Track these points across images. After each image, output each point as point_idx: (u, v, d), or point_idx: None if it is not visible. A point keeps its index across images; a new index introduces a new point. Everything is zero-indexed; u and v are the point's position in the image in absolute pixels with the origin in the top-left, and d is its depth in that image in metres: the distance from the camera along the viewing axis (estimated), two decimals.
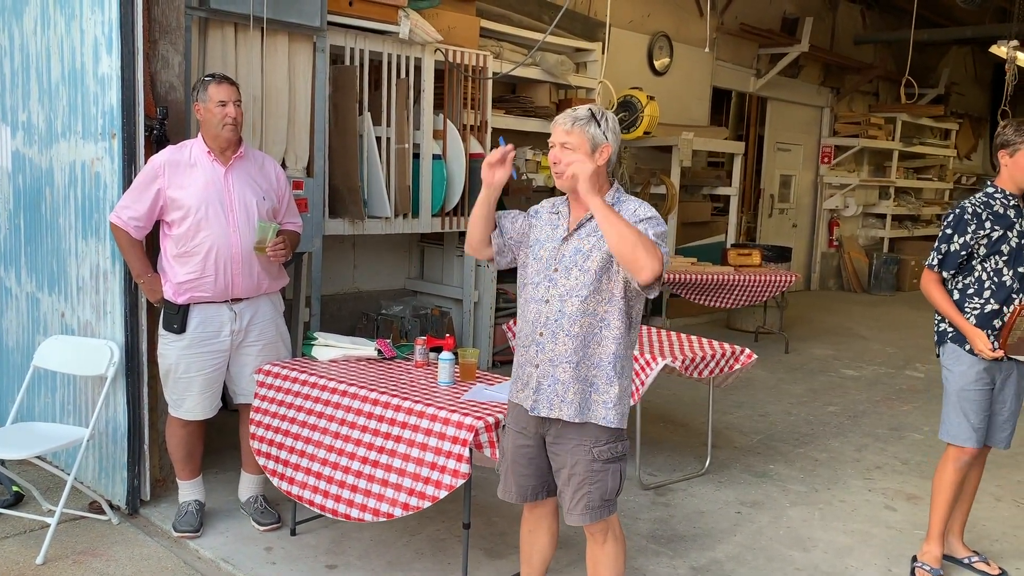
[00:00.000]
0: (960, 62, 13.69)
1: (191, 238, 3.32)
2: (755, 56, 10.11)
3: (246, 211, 3.38)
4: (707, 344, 4.34)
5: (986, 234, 3.23)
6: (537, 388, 2.54)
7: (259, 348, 3.52)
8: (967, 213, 3.26)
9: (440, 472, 2.83)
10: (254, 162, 3.51)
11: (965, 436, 3.29)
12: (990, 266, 3.25)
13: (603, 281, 2.49)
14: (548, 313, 2.52)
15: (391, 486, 2.94)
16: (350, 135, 4.85)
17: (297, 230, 3.72)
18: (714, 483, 4.36)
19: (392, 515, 2.92)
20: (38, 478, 3.85)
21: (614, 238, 2.35)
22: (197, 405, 3.47)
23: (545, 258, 2.58)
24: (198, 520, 3.51)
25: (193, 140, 3.44)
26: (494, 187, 2.61)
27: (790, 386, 6.46)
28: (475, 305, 6.11)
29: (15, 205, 4.10)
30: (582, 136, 2.49)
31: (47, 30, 3.78)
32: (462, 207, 5.71)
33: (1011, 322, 3.16)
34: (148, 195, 3.32)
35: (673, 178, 7.93)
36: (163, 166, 3.33)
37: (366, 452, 3.06)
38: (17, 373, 4.12)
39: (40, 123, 3.88)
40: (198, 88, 3.37)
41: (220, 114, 3.31)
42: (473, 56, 5.66)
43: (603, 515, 2.57)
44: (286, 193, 3.64)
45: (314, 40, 4.41)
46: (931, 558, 3.43)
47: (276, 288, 3.61)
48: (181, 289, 3.36)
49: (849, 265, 11.91)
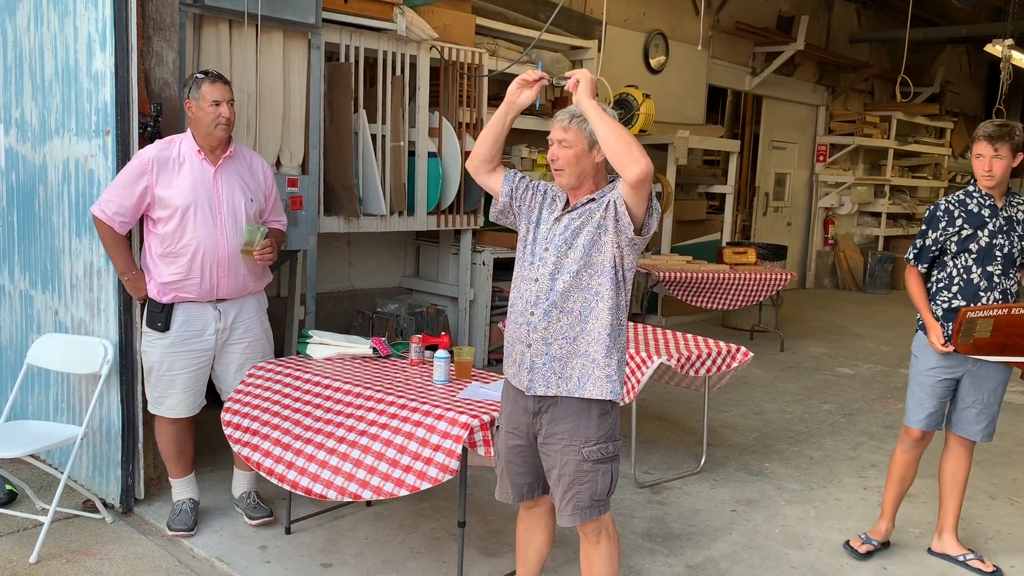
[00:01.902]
0: (955, 61, 13.72)
1: (178, 239, 3.29)
2: (751, 54, 10.11)
3: (234, 213, 3.36)
4: (703, 342, 4.33)
5: (956, 231, 3.34)
6: (531, 368, 2.54)
7: (244, 346, 3.51)
8: (940, 210, 3.40)
9: (426, 464, 2.78)
10: (243, 161, 3.48)
11: (915, 419, 3.47)
12: (960, 263, 3.36)
13: (593, 254, 2.49)
14: (539, 292, 2.53)
15: (365, 467, 2.86)
16: (345, 133, 4.84)
17: (282, 228, 3.69)
18: (709, 481, 4.36)
19: (360, 496, 2.83)
20: (31, 477, 3.84)
21: (609, 134, 2.36)
22: (180, 403, 3.45)
23: (539, 239, 2.59)
24: (192, 518, 3.50)
25: (181, 136, 3.40)
26: (515, 107, 2.61)
27: (785, 384, 6.47)
28: (470, 303, 6.11)
29: (8, 202, 4.09)
30: (580, 133, 2.50)
31: (40, 26, 3.76)
32: (458, 205, 5.70)
33: (958, 327, 3.24)
34: (135, 191, 3.28)
35: (669, 176, 7.93)
36: (151, 162, 3.29)
37: (345, 432, 2.99)
38: (10, 371, 4.10)
39: (33, 120, 3.87)
40: (191, 85, 3.32)
41: (213, 114, 3.28)
42: (469, 54, 5.65)
43: (592, 515, 2.57)
44: (272, 191, 3.61)
45: (309, 37, 4.40)
46: (874, 532, 3.65)
47: (261, 287, 3.59)
48: (166, 289, 3.33)
49: (844, 263, 11.93)
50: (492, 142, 2.65)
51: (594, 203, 2.53)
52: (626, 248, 2.49)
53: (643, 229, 2.48)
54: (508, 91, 2.62)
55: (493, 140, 2.65)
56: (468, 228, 5.92)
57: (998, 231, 3.31)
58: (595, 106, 2.43)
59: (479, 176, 2.72)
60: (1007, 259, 3.32)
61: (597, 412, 2.53)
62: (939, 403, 3.44)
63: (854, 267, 11.95)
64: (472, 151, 2.72)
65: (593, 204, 2.53)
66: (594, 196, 2.54)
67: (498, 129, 2.63)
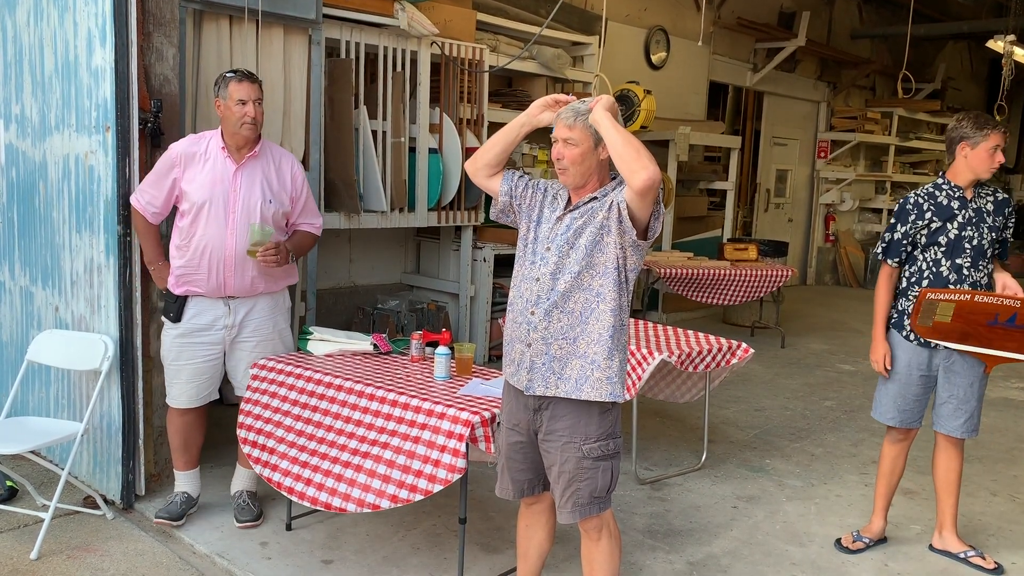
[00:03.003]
0: (956, 57, 13.69)
1: (191, 233, 3.33)
2: (752, 50, 10.09)
3: (248, 213, 3.35)
4: (703, 339, 4.33)
5: (925, 224, 3.35)
6: (531, 367, 2.53)
7: (254, 344, 3.51)
8: (909, 203, 3.42)
9: (434, 466, 2.82)
10: (270, 161, 3.46)
11: (888, 416, 3.49)
12: (929, 256, 3.37)
13: (595, 255, 2.48)
14: (539, 291, 2.51)
15: (379, 477, 2.92)
16: (346, 129, 4.83)
17: (313, 231, 3.66)
18: (710, 478, 4.35)
19: (379, 506, 2.89)
20: (32, 473, 3.84)
21: (618, 139, 2.38)
22: (182, 393, 3.47)
23: (540, 238, 2.57)
24: (179, 511, 3.50)
25: (212, 132, 3.42)
26: (531, 123, 2.61)
27: (786, 381, 6.46)
28: (471, 300, 6.10)
29: (8, 198, 4.08)
30: (585, 131, 2.48)
31: (40, 22, 3.76)
32: (458, 201, 5.69)
33: (917, 307, 3.27)
34: (166, 183, 3.34)
35: (670, 173, 7.92)
36: (180, 156, 3.33)
37: (357, 444, 3.04)
38: (11, 367, 4.10)
39: (33, 116, 3.86)
40: (219, 84, 3.35)
41: (239, 113, 3.29)
42: (469, 49, 5.64)
43: (592, 512, 2.56)
44: (302, 193, 3.57)
45: (309, 33, 4.39)
46: (867, 530, 3.65)
47: (278, 288, 3.57)
48: (178, 280, 3.38)
49: (845, 260, 11.92)
50: (500, 150, 2.64)
51: (596, 202, 2.52)
52: (629, 249, 2.48)
53: (647, 233, 2.47)
54: (532, 105, 2.61)
55: (502, 148, 2.64)
56: (469, 224, 5.91)
57: (967, 223, 3.32)
58: (610, 117, 2.44)
59: (477, 178, 2.71)
60: (977, 251, 3.32)
61: (598, 410, 2.52)
62: (914, 401, 3.44)
63: (855, 263, 11.93)
64: (476, 154, 2.70)
65: (596, 203, 2.51)
66: (596, 195, 2.53)
67: (510, 139, 2.63)
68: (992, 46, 9.89)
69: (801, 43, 9.92)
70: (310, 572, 3.22)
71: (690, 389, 4.55)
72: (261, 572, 3.20)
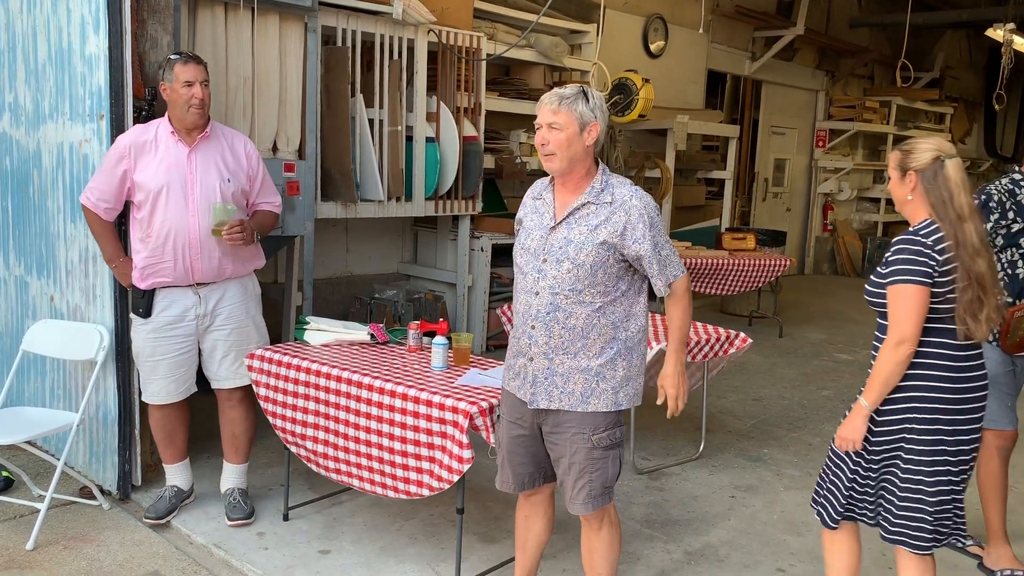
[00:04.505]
0: (955, 46, 13.65)
1: (151, 222, 3.26)
2: (750, 39, 10.05)
3: (207, 193, 3.29)
4: (701, 328, 4.32)
5: (1007, 224, 3.10)
6: (534, 381, 2.50)
7: (227, 332, 3.45)
8: (992, 200, 3.12)
9: (441, 463, 2.86)
10: (223, 141, 3.40)
11: (1008, 419, 3.23)
12: (1006, 258, 3.15)
13: (599, 275, 2.42)
14: (539, 305, 2.46)
15: (400, 471, 3.01)
16: (342, 117, 4.80)
17: (273, 210, 3.60)
18: (708, 467, 4.35)
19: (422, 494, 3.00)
20: (28, 463, 3.83)
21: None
22: (161, 389, 3.42)
23: (533, 248, 2.50)
24: (167, 507, 3.48)
25: (159, 120, 3.35)
26: None
27: (784, 370, 6.46)
28: (469, 289, 6.09)
29: (2, 187, 4.05)
30: (570, 115, 2.40)
31: (33, 9, 3.72)
32: (456, 190, 5.67)
33: (1006, 328, 3.06)
34: (115, 176, 3.27)
35: (668, 162, 7.90)
36: (128, 147, 3.26)
37: (367, 449, 3.09)
38: (6, 357, 4.09)
39: (27, 104, 3.83)
40: (164, 67, 3.27)
41: (186, 95, 3.22)
42: (467, 37, 5.60)
43: (604, 503, 2.55)
44: (258, 171, 3.51)
45: (305, 20, 4.35)
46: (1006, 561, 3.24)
47: (245, 271, 3.50)
48: (143, 274, 3.31)
49: (843, 249, 11.91)
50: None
51: (591, 207, 2.44)
52: (633, 263, 2.47)
53: None
54: None
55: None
56: (466, 214, 5.89)
57: None
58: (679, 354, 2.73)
59: None
60: None
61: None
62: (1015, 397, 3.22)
63: (853, 253, 11.93)
64: None
65: (591, 208, 2.44)
66: (587, 199, 2.45)
67: None
68: (991, 35, 9.88)
69: (800, 31, 9.88)
70: (307, 562, 3.22)
71: (688, 379, 4.54)
72: (258, 562, 3.19)
